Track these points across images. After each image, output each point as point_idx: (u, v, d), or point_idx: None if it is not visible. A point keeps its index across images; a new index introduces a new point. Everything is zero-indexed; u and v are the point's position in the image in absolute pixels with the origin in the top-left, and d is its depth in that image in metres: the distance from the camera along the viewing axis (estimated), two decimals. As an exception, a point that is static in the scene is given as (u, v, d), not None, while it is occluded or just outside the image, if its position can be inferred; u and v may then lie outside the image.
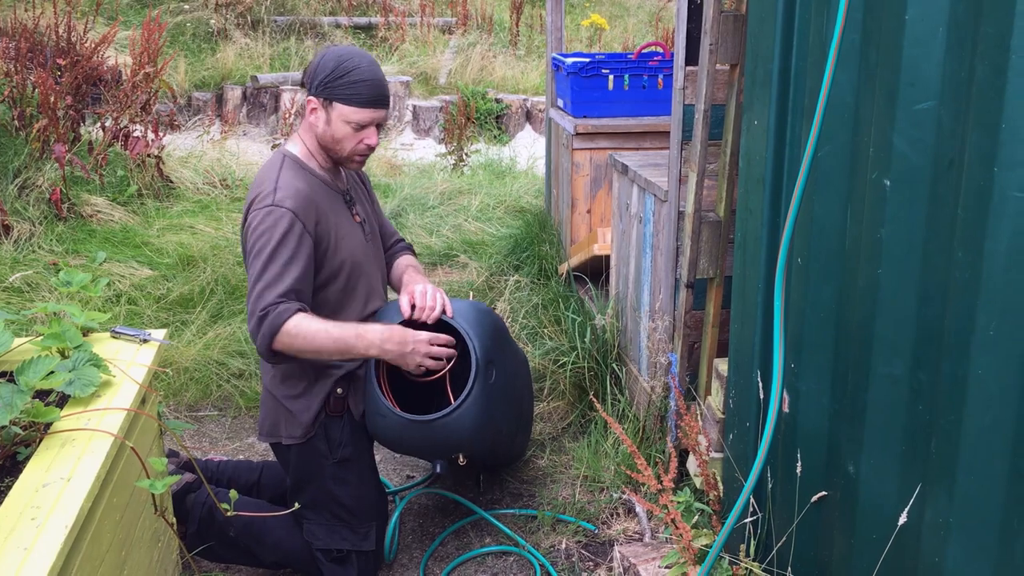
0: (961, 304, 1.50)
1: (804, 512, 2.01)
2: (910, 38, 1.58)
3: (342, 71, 2.33)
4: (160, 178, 5.67)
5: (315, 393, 2.49)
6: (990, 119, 1.40)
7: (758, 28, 2.13)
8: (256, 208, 2.34)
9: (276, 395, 2.51)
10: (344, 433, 2.53)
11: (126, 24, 8.61)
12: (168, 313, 4.20)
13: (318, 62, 2.38)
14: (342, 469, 2.54)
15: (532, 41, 11.02)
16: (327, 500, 2.55)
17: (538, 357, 3.67)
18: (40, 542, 1.48)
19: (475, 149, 7.84)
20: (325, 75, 2.34)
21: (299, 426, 2.49)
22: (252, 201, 2.39)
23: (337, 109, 2.36)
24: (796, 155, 2.01)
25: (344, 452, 2.53)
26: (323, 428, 2.51)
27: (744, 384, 2.28)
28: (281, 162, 2.43)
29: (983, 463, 1.49)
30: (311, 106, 2.41)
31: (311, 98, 2.40)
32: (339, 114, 2.36)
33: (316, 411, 2.48)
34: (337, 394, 2.50)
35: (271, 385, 2.53)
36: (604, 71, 4.43)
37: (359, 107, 2.36)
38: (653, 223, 3.12)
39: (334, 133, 2.40)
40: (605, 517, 2.97)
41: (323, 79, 2.35)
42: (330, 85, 2.34)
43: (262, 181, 2.40)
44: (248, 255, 2.35)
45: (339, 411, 2.52)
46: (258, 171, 2.47)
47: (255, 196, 2.38)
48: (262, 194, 2.36)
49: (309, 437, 2.50)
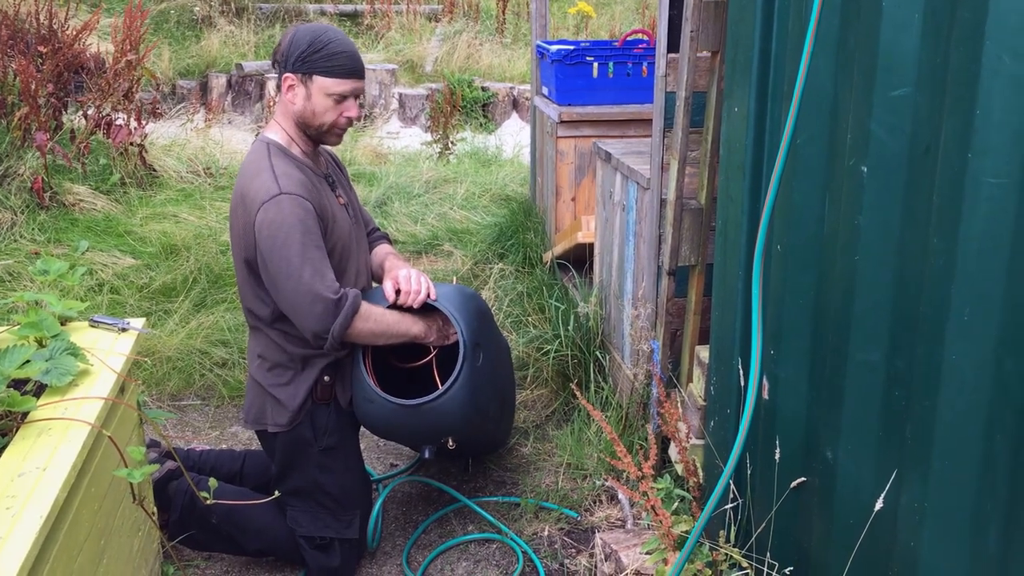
0: (936, 290, 1.51)
1: (783, 498, 2.02)
2: (887, 23, 1.58)
3: (319, 44, 2.33)
4: (143, 166, 5.63)
5: (302, 381, 2.49)
6: (965, 105, 1.41)
7: (738, 14, 2.13)
8: (266, 201, 2.29)
9: (262, 383, 2.50)
10: (330, 421, 2.54)
11: (108, 11, 8.54)
12: (151, 302, 4.18)
13: (291, 39, 2.36)
14: (327, 457, 2.55)
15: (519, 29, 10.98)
16: (312, 488, 2.55)
17: (522, 345, 3.67)
18: (15, 532, 1.47)
19: (461, 137, 7.82)
20: (301, 50, 2.33)
21: (285, 413, 2.48)
22: (254, 194, 2.32)
23: (317, 82, 2.35)
24: (776, 142, 2.01)
25: (330, 440, 2.53)
26: (309, 416, 2.50)
27: (725, 371, 2.28)
28: (267, 151, 2.40)
29: (957, 449, 1.50)
30: (288, 83, 2.37)
31: (288, 75, 2.36)
32: (319, 87, 2.35)
33: (303, 399, 2.48)
34: (324, 382, 2.50)
35: (257, 373, 2.52)
36: (589, 59, 4.42)
37: (340, 78, 2.36)
38: (636, 211, 3.12)
39: (315, 107, 2.38)
40: (588, 504, 2.98)
41: (300, 54, 2.33)
42: (308, 59, 2.33)
43: (256, 172, 2.36)
44: (273, 249, 2.29)
45: (326, 399, 2.52)
46: (244, 163, 2.43)
47: (257, 189, 2.32)
48: (264, 186, 2.31)
49: (295, 424, 2.50)
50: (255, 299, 2.45)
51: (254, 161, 2.40)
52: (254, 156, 2.42)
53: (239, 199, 2.38)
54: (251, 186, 2.34)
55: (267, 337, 2.49)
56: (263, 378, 2.51)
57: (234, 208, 2.41)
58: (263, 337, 2.50)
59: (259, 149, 2.43)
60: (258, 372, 2.52)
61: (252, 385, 2.55)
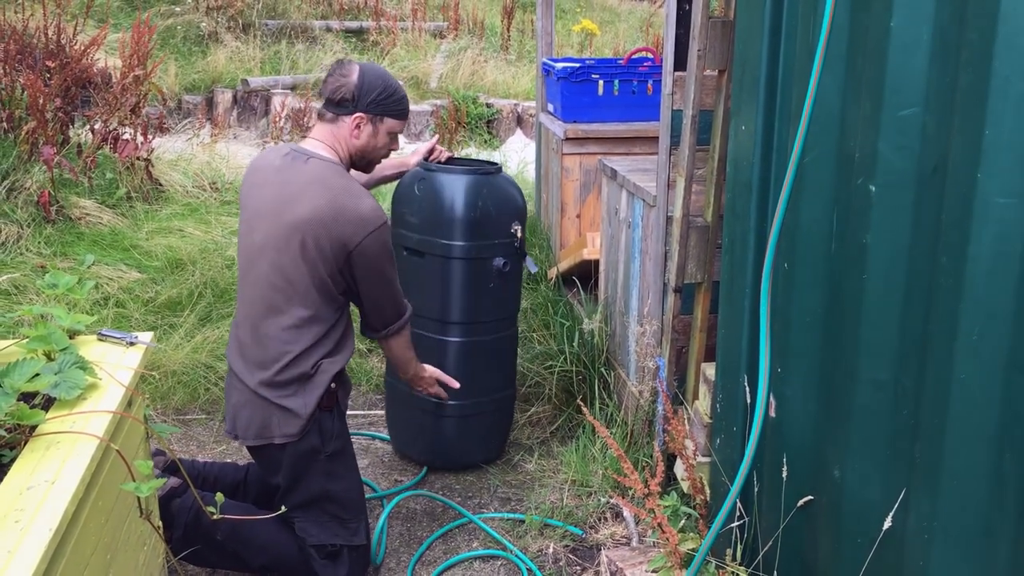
0: (945, 309, 1.51)
1: (790, 516, 2.02)
2: (895, 45, 1.59)
3: (390, 90, 2.57)
4: (149, 181, 5.65)
5: (311, 389, 2.51)
6: (974, 125, 1.41)
7: (746, 34, 2.14)
8: (378, 227, 2.46)
9: (267, 396, 2.51)
10: (334, 426, 2.58)
11: (116, 27, 8.59)
12: (156, 316, 4.18)
13: (362, 81, 2.51)
14: (332, 463, 2.57)
15: (523, 46, 11.04)
16: (320, 496, 2.58)
17: (527, 361, 3.67)
18: (24, 545, 1.47)
19: (466, 153, 7.84)
20: (376, 94, 2.53)
21: (297, 422, 2.50)
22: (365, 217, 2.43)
23: (387, 123, 2.59)
24: (783, 160, 2.02)
25: (336, 445, 2.58)
26: (316, 423, 2.53)
27: (731, 388, 2.28)
28: (341, 172, 2.53)
29: (966, 468, 1.50)
30: (358, 122, 2.53)
31: (361, 114, 2.52)
32: (387, 127, 2.60)
33: (314, 406, 2.50)
34: (331, 389, 2.54)
35: (259, 387, 2.52)
36: (594, 76, 4.45)
37: (403, 120, 2.65)
38: (642, 228, 3.13)
39: (376, 144, 2.60)
40: (593, 521, 2.97)
41: (375, 98, 2.53)
42: (383, 103, 2.55)
43: (359, 194, 2.47)
44: (381, 267, 2.53)
45: (331, 406, 2.56)
46: (329, 176, 2.48)
47: (367, 213, 2.44)
48: (375, 212, 2.45)
49: (305, 432, 2.51)
50: (305, 291, 2.49)
51: (338, 182, 2.48)
52: (332, 176, 2.49)
53: (336, 213, 2.42)
54: (360, 207, 2.45)
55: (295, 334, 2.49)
56: (268, 392, 2.51)
57: (326, 219, 2.42)
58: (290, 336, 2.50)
59: (333, 170, 2.50)
60: (260, 386, 2.52)
61: (251, 399, 2.54)
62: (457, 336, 3.11)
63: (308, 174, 2.49)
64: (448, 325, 3.10)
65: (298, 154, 2.53)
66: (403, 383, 3.24)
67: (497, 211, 3.01)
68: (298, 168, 2.50)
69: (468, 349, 3.14)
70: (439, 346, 3.12)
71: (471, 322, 3.11)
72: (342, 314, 2.57)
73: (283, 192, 2.48)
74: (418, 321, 3.13)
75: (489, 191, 3.01)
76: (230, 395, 2.62)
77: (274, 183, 2.51)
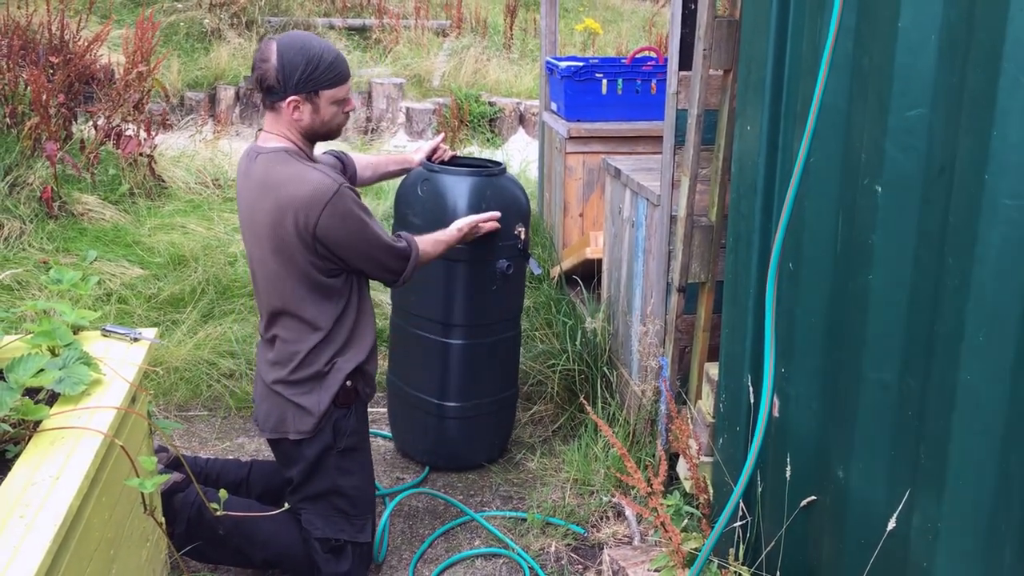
0: (951, 310, 1.51)
1: (793, 516, 2.02)
2: (903, 45, 1.59)
3: (315, 60, 2.38)
4: (152, 177, 5.65)
5: (326, 387, 2.51)
6: (982, 126, 1.41)
7: (752, 34, 2.14)
8: (328, 203, 2.36)
9: (283, 392, 2.51)
10: (349, 423, 2.58)
11: (119, 23, 8.59)
12: (158, 312, 4.18)
13: (281, 63, 2.36)
14: (346, 459, 2.58)
15: (526, 45, 11.04)
16: (330, 492, 2.58)
17: (529, 359, 3.67)
18: (28, 540, 1.47)
19: (468, 152, 7.84)
20: (300, 72, 2.37)
21: (310, 420, 2.51)
22: (309, 197, 2.35)
23: (324, 96, 2.43)
24: (788, 160, 2.02)
25: (350, 441, 2.58)
26: (331, 420, 2.53)
27: (734, 388, 2.28)
28: (292, 156, 2.44)
29: (972, 469, 1.50)
30: (294, 105, 2.41)
31: (293, 98, 2.39)
32: (326, 99, 2.43)
33: (328, 404, 2.50)
34: (347, 386, 2.53)
35: (275, 382, 2.52)
36: (598, 75, 4.45)
37: (341, 84, 2.46)
38: (646, 227, 3.12)
39: (323, 117, 2.46)
40: (595, 520, 2.97)
41: (300, 76, 2.37)
42: (312, 79, 2.39)
43: (296, 177, 2.38)
44: (356, 230, 2.44)
45: (348, 403, 2.56)
46: (269, 171, 2.42)
47: (312, 192, 2.35)
48: (320, 186, 2.36)
49: (319, 430, 2.52)
50: (292, 293, 2.47)
51: (287, 168, 2.41)
52: (280, 163, 2.42)
53: (284, 206, 2.37)
54: (302, 190, 2.36)
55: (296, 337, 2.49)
56: (283, 387, 2.52)
57: (278, 217, 2.39)
58: (294, 336, 2.50)
59: (281, 158, 2.43)
60: (276, 381, 2.53)
61: (268, 394, 2.55)
62: (460, 338, 3.10)
63: (256, 176, 2.46)
64: (451, 327, 3.09)
65: (252, 154, 2.49)
66: (405, 383, 3.25)
67: (501, 213, 3.00)
68: (251, 171, 2.47)
69: (471, 351, 3.13)
70: (441, 348, 3.11)
71: (474, 324, 3.10)
72: (345, 310, 2.53)
73: (246, 200, 2.49)
74: (421, 323, 3.12)
75: (493, 193, 3.00)
76: (256, 387, 2.65)
77: (242, 191, 2.52)
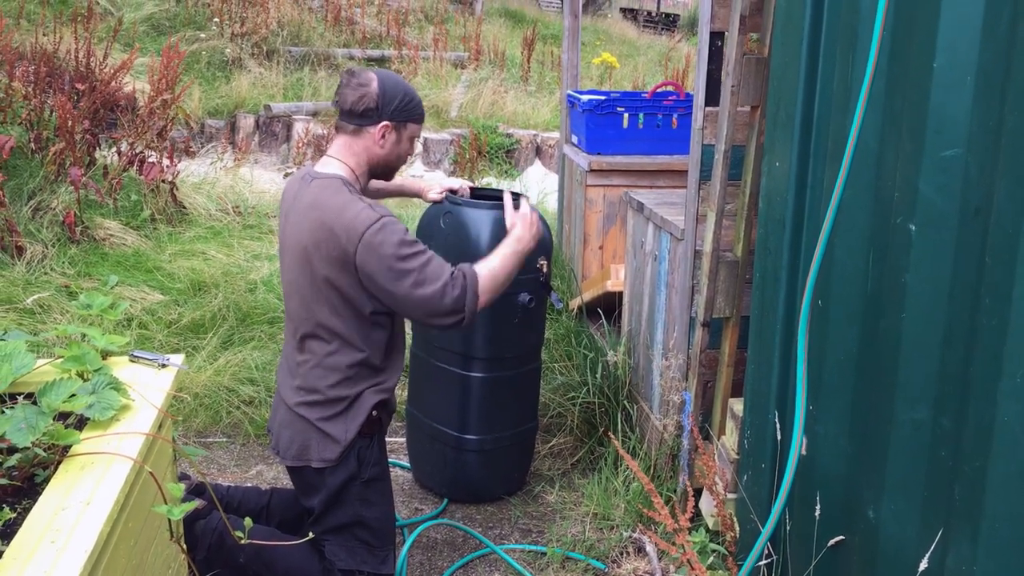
0: (988, 350, 1.50)
1: (821, 556, 2.00)
2: (938, 85, 1.60)
3: (408, 95, 2.55)
4: (173, 204, 5.70)
5: (353, 416, 2.51)
6: (1020, 168, 1.42)
7: (781, 72, 2.16)
8: (369, 233, 2.36)
9: (308, 418, 2.51)
10: (372, 453, 2.57)
11: (143, 51, 8.70)
12: (179, 338, 4.20)
13: (383, 90, 2.48)
14: (368, 489, 2.56)
15: (543, 77, 11.13)
16: (353, 523, 2.56)
17: (548, 392, 3.66)
18: (60, 565, 1.47)
19: (485, 183, 7.88)
20: (398, 101, 2.52)
21: (336, 448, 2.49)
22: (348, 228, 2.36)
23: (409, 129, 2.58)
24: (817, 197, 2.03)
25: (373, 471, 2.56)
26: (355, 449, 2.52)
27: (760, 425, 2.27)
28: (344, 186, 2.47)
29: (1009, 510, 1.49)
30: (384, 131, 2.51)
31: (387, 123, 2.50)
32: (410, 132, 2.59)
33: (354, 434, 2.50)
34: (372, 416, 2.53)
35: (301, 408, 2.52)
36: (619, 109, 4.47)
37: (421, 123, 2.64)
38: (668, 261, 3.13)
39: (400, 151, 2.60)
40: (615, 555, 2.95)
41: (398, 105, 2.52)
42: (406, 109, 2.54)
43: (343, 207, 2.40)
44: (392, 269, 2.38)
45: (371, 433, 2.55)
46: (320, 195, 2.45)
47: (351, 223, 2.36)
48: (359, 218, 2.37)
49: (343, 459, 2.51)
50: (333, 316, 2.46)
51: (337, 197, 2.43)
52: (333, 192, 2.44)
53: (328, 232, 2.39)
54: (344, 217, 2.38)
55: (330, 362, 2.49)
56: (309, 413, 2.51)
57: (319, 243, 2.41)
58: (329, 360, 2.50)
59: (334, 185, 2.46)
60: (302, 407, 2.52)
61: (293, 420, 2.55)
62: (480, 371, 3.10)
63: (307, 198, 2.47)
64: (472, 360, 3.09)
65: (307, 177, 2.53)
66: (424, 414, 3.24)
67: None
68: (304, 193, 2.49)
69: (491, 384, 3.12)
70: (462, 381, 3.11)
71: (495, 357, 3.10)
72: (378, 342, 2.52)
73: (293, 221, 2.50)
74: (441, 354, 3.12)
75: None
76: (276, 413, 2.63)
77: (290, 212, 2.53)
